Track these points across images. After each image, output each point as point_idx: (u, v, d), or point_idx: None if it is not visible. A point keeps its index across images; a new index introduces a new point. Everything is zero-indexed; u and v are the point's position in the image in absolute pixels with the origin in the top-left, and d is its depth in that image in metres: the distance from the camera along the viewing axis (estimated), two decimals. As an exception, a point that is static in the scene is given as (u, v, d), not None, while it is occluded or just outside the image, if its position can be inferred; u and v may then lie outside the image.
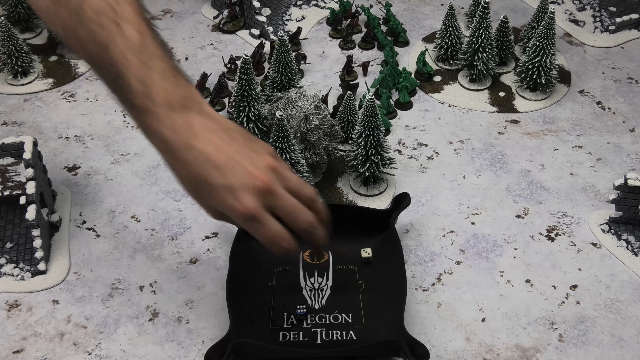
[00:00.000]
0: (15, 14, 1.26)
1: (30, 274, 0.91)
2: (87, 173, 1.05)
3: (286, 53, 1.05)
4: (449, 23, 1.19)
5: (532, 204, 1.01)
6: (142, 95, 0.71)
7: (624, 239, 0.96)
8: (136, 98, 0.71)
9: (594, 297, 0.90)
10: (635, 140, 1.11)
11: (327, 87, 1.18)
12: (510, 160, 1.08)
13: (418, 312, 0.88)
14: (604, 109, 1.17)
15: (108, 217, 0.99)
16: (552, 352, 0.84)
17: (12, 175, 0.92)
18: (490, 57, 1.16)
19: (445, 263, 0.93)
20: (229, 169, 0.71)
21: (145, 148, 1.08)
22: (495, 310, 0.88)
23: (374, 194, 1.02)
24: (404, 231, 0.97)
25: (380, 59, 1.24)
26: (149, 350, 0.84)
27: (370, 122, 0.96)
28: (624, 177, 0.92)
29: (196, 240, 0.96)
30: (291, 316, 0.85)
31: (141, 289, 0.90)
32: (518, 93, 1.18)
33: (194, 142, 0.71)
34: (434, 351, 0.83)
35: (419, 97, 1.18)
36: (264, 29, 1.27)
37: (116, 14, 0.72)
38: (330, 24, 1.32)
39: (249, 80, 1.01)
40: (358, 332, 0.83)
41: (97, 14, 0.72)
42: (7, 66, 1.17)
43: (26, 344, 0.84)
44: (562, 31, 1.31)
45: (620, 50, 1.28)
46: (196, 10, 1.36)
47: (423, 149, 1.09)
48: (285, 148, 0.93)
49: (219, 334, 0.84)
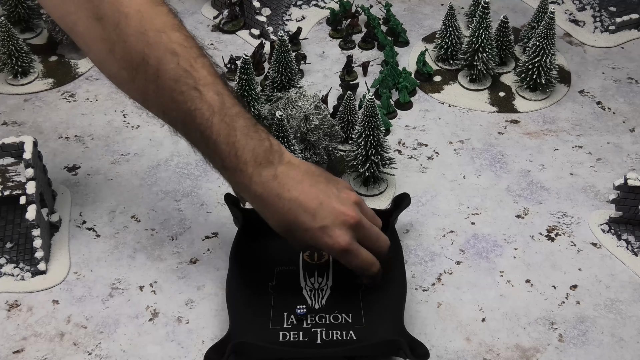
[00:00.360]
0: (15, 14, 1.26)
1: (30, 274, 0.91)
2: (87, 173, 1.05)
3: (286, 53, 1.05)
4: (449, 23, 1.19)
5: (532, 204, 1.01)
6: (230, 155, 0.76)
7: (624, 239, 0.96)
8: (225, 159, 0.77)
9: (594, 297, 0.90)
10: (635, 140, 1.11)
11: (327, 87, 1.18)
12: (510, 160, 1.08)
13: (418, 312, 0.88)
14: (604, 109, 1.17)
15: (108, 217, 0.99)
16: (552, 352, 0.84)
17: (12, 175, 0.92)
18: (490, 57, 1.16)
19: (445, 263, 0.93)
20: (320, 211, 0.77)
21: (145, 148, 1.08)
22: (495, 310, 0.88)
23: (374, 194, 1.02)
24: (404, 231, 0.97)
25: (380, 59, 1.24)
26: (149, 350, 0.84)
27: (370, 122, 0.96)
28: (624, 177, 0.92)
29: (196, 240, 0.96)
30: (291, 316, 0.85)
31: (141, 289, 0.90)
32: (518, 93, 1.18)
33: (283, 192, 0.77)
34: (434, 351, 0.83)
35: (419, 97, 1.18)
36: (264, 29, 1.27)
37: (194, 80, 0.76)
38: (330, 24, 1.32)
39: (249, 80, 1.01)
40: (358, 332, 0.83)
41: (175, 82, 0.76)
42: (7, 66, 1.17)
43: (26, 344, 0.84)
44: (562, 31, 1.31)
45: (620, 50, 1.28)
46: (196, 10, 1.36)
47: (423, 149, 1.09)
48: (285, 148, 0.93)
49: (219, 334, 0.84)
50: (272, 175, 0.77)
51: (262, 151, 0.77)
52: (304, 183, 0.78)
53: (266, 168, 0.77)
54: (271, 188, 0.77)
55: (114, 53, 0.78)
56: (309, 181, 0.79)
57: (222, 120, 0.76)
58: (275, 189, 0.77)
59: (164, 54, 0.76)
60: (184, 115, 0.77)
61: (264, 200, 0.77)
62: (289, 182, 0.77)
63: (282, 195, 0.77)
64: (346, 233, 0.78)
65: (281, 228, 0.79)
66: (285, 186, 0.77)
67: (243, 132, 0.77)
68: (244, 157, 0.76)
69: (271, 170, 0.77)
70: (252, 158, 0.77)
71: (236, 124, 0.77)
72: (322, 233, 0.77)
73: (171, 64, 0.76)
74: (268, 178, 0.77)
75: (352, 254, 0.79)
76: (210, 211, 1.00)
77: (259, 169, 0.77)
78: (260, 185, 0.77)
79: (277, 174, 0.77)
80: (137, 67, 0.77)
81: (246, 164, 0.77)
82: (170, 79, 0.76)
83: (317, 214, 0.77)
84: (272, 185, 0.77)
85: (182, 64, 0.76)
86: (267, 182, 0.77)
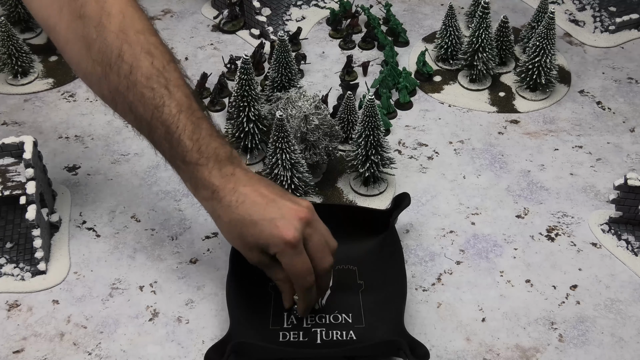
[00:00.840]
0: (15, 14, 1.26)
1: (30, 274, 0.91)
2: (87, 173, 1.05)
3: (286, 53, 1.05)
4: (449, 23, 1.19)
5: (532, 204, 1.01)
6: (193, 150, 0.79)
7: (624, 239, 0.96)
8: (187, 153, 0.79)
9: (594, 297, 0.90)
10: (635, 140, 1.11)
11: (327, 87, 1.18)
12: (510, 160, 1.08)
13: (418, 312, 0.88)
14: (604, 109, 1.17)
15: (108, 217, 0.99)
16: (552, 352, 0.84)
17: (12, 175, 0.92)
18: (490, 57, 1.16)
19: (445, 263, 0.93)
20: (272, 205, 0.78)
21: (145, 148, 1.07)
22: (495, 310, 0.88)
23: (374, 194, 1.02)
24: (404, 231, 0.97)
25: (380, 59, 1.24)
26: (149, 350, 0.84)
27: (370, 122, 0.96)
28: (624, 177, 0.92)
29: (196, 240, 0.96)
30: (291, 316, 0.85)
31: (141, 289, 0.90)
32: (518, 93, 1.18)
33: (240, 187, 0.79)
34: (434, 351, 0.83)
35: (419, 97, 1.18)
36: (264, 29, 1.27)
37: (165, 80, 0.81)
38: (330, 24, 1.32)
39: (249, 80, 1.01)
40: (358, 332, 0.83)
41: (147, 79, 0.80)
42: (7, 66, 1.17)
43: (26, 344, 0.84)
44: (562, 31, 1.31)
45: (620, 50, 1.28)
46: (196, 10, 1.36)
47: (423, 149, 1.09)
48: (285, 148, 0.93)
49: (219, 334, 0.84)
50: (231, 172, 0.80)
51: (223, 152, 0.80)
52: (260, 183, 0.81)
53: (226, 166, 0.80)
54: (229, 181, 0.79)
55: (91, 50, 0.82)
56: (265, 183, 0.82)
57: (188, 118, 0.80)
58: (233, 183, 0.79)
59: (140, 52, 0.81)
60: (153, 110, 0.80)
61: (219, 193, 0.79)
62: (248, 180, 0.80)
63: (238, 188, 0.78)
64: (296, 228, 0.77)
65: (231, 226, 0.79)
66: (242, 181, 0.79)
67: (208, 132, 0.81)
68: (207, 153, 0.79)
69: (231, 168, 0.80)
70: (214, 155, 0.80)
71: (202, 125, 0.81)
72: (270, 224, 0.77)
73: (146, 62, 0.80)
74: (227, 173, 0.79)
75: (296, 251, 0.77)
76: (210, 211, 1.00)
77: (219, 164, 0.80)
78: (218, 179, 0.79)
79: (236, 172, 0.80)
80: (113, 64, 0.81)
81: (208, 159, 0.79)
82: (143, 75, 0.80)
83: (269, 207, 0.78)
84: (231, 179, 0.79)
85: (156, 64, 0.81)
86: (226, 176, 0.79)
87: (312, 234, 0.78)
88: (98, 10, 0.82)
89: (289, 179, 0.95)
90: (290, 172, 0.95)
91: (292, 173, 0.95)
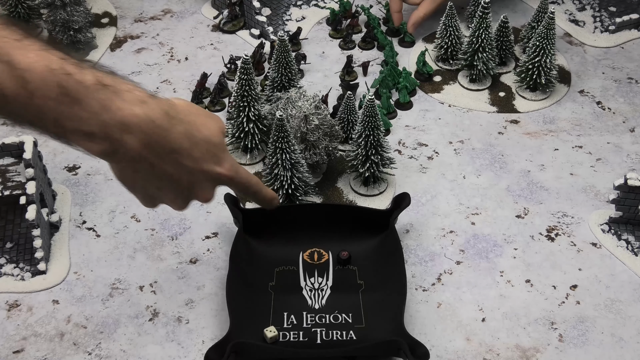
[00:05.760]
0: (15, 14, 1.26)
1: (30, 274, 0.91)
2: (87, 173, 1.05)
3: (286, 53, 1.05)
4: (449, 23, 1.19)
5: (532, 204, 1.01)
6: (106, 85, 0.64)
7: (624, 239, 0.96)
8: (100, 91, 0.64)
9: (594, 297, 0.90)
10: (635, 140, 1.11)
11: (327, 87, 1.18)
12: (510, 160, 1.08)
13: (418, 312, 0.88)
14: (604, 109, 1.17)
15: (108, 217, 0.99)
16: (552, 352, 0.84)
17: (12, 175, 0.93)
18: (490, 57, 1.16)
19: (445, 263, 0.93)
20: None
21: (145, 148, 1.07)
22: (495, 310, 0.88)
23: (374, 194, 1.02)
24: (404, 231, 0.97)
25: (380, 59, 1.24)
26: (149, 350, 0.84)
27: (370, 122, 0.96)
28: (624, 177, 0.92)
29: (196, 240, 0.96)
30: (291, 316, 0.85)
31: (141, 289, 0.90)
32: (518, 93, 1.18)
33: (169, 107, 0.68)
34: (434, 351, 0.83)
35: (419, 97, 1.18)
36: (264, 29, 1.27)
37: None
38: (330, 24, 1.32)
39: (249, 80, 1.01)
40: (358, 332, 0.83)
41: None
42: (7, 66, 1.17)
43: (26, 344, 0.85)
44: (562, 31, 1.31)
45: (620, 50, 1.28)
46: (196, 10, 1.36)
47: (423, 149, 1.09)
48: (285, 148, 0.93)
49: (219, 334, 0.84)
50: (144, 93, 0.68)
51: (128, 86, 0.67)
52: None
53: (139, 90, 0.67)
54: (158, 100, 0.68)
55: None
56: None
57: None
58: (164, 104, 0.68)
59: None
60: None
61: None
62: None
63: (171, 104, 0.69)
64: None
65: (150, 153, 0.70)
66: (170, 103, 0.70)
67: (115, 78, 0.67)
68: (115, 84, 0.65)
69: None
70: (124, 84, 0.67)
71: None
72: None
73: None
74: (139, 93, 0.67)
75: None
76: (210, 211, 1.00)
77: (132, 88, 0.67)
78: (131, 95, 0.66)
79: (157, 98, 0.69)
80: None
81: (119, 86, 0.66)
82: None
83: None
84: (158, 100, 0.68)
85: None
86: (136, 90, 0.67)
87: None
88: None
89: (289, 179, 0.96)
90: (290, 172, 0.95)
91: (292, 173, 0.95)
